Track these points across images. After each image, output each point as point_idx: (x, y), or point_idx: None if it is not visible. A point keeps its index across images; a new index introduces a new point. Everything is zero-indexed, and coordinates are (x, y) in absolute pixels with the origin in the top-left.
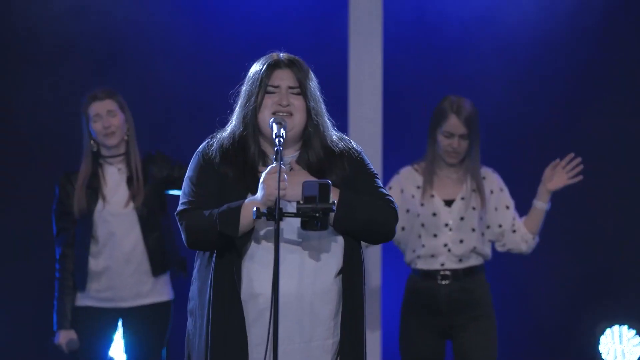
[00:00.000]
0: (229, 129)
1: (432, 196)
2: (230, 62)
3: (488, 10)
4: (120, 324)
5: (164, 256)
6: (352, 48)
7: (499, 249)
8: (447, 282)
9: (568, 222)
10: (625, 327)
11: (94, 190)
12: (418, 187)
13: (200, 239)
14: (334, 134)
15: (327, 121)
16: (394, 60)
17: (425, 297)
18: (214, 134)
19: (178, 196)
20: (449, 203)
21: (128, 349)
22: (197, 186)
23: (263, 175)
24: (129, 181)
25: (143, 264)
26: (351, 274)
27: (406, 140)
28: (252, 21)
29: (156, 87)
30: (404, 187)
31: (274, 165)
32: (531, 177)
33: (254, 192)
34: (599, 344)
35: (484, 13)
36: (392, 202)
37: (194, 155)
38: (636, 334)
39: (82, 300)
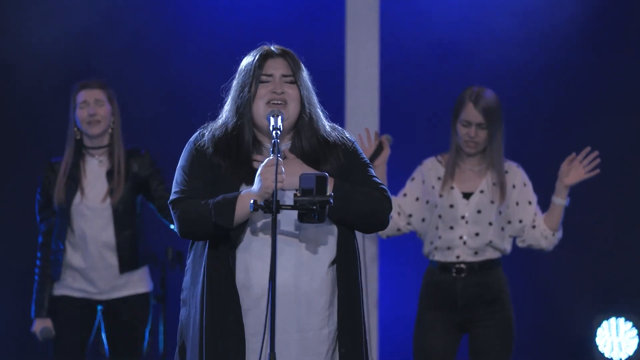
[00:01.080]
0: (220, 121)
1: (452, 188)
2: (225, 56)
3: (487, 2)
4: (99, 318)
5: (133, 254)
6: (349, 41)
7: (520, 244)
8: (462, 275)
9: (567, 215)
10: (621, 320)
11: (74, 181)
12: (439, 179)
13: (194, 229)
14: (327, 124)
15: (320, 112)
16: (391, 53)
17: (442, 290)
18: (206, 125)
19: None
20: (467, 195)
21: (109, 342)
22: (190, 175)
23: (260, 167)
24: (109, 175)
25: (114, 261)
26: (346, 264)
27: (403, 133)
28: (248, 14)
29: (152, 82)
30: (426, 178)
31: (271, 157)
32: (550, 174)
33: (248, 182)
34: (595, 336)
35: (483, 5)
36: (386, 191)
37: (186, 144)
38: (633, 326)
39: (59, 290)
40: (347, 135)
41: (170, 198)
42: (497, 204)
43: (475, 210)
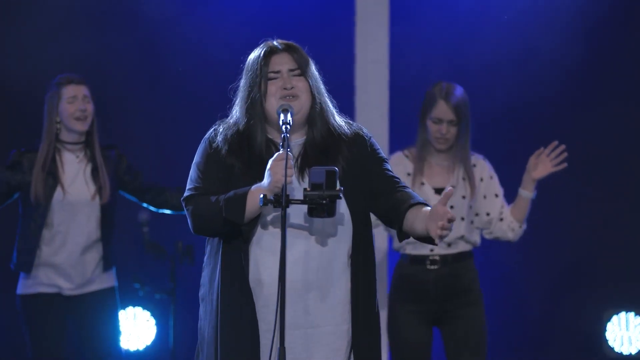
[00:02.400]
0: (232, 120)
1: (422, 184)
2: (235, 54)
3: None
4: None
5: (113, 251)
6: (358, 36)
7: (487, 236)
8: (435, 267)
9: (575, 209)
10: (632, 314)
11: (52, 176)
12: (408, 174)
13: (206, 224)
14: (336, 113)
15: (329, 101)
16: (400, 47)
17: (414, 282)
18: (220, 121)
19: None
20: (439, 191)
21: (79, 336)
22: (204, 172)
23: (270, 162)
24: (94, 172)
25: (95, 255)
26: (359, 259)
27: (413, 127)
28: (257, 11)
29: (159, 81)
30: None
31: (280, 152)
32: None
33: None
34: (605, 330)
35: (493, 2)
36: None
37: (201, 142)
38: None
39: (32, 287)
40: (365, 131)
41: (184, 195)
42: (467, 198)
43: (449, 206)
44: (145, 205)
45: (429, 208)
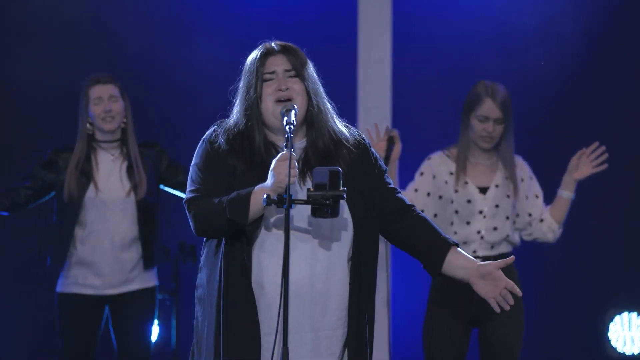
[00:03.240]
0: (232, 121)
1: (466, 183)
2: (237, 54)
3: None
4: (106, 311)
5: (154, 249)
6: (361, 35)
7: (526, 237)
8: None
9: (579, 210)
10: (634, 314)
11: (86, 175)
12: (451, 174)
13: (210, 226)
14: (336, 116)
15: (327, 103)
16: (403, 48)
17: (456, 285)
18: (220, 122)
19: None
20: (483, 190)
21: (118, 335)
22: (205, 173)
23: (273, 162)
24: (129, 170)
25: (134, 254)
26: (359, 264)
27: (415, 128)
28: (260, 11)
29: (163, 81)
30: (436, 173)
31: (284, 152)
32: (553, 168)
33: (264, 182)
34: (608, 330)
35: (495, 1)
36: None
37: (200, 142)
38: None
39: (67, 287)
40: (363, 136)
41: (186, 197)
42: (512, 198)
43: (494, 205)
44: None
45: (465, 254)
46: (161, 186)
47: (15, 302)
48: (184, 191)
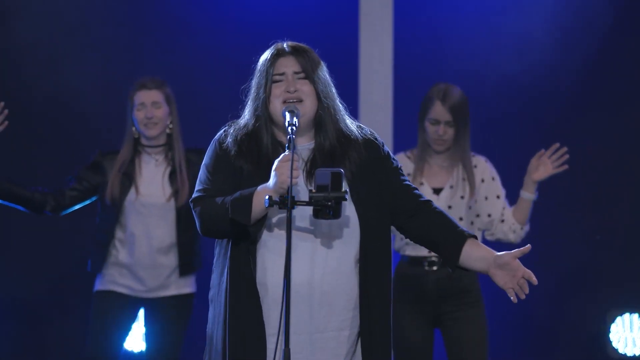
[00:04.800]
0: (242, 121)
1: (422, 184)
2: (240, 56)
3: None
4: (141, 314)
5: (193, 256)
6: (362, 37)
7: (488, 237)
8: (434, 268)
9: (579, 210)
10: (635, 316)
11: (128, 178)
12: (408, 174)
13: (213, 226)
14: (347, 119)
15: (339, 105)
16: (404, 47)
17: (414, 284)
18: (230, 123)
19: None
20: (437, 191)
21: (149, 339)
22: (213, 174)
23: (275, 163)
24: (172, 175)
25: (171, 260)
26: (368, 264)
27: (416, 129)
28: (261, 12)
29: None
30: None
31: (286, 153)
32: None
33: None
34: (609, 332)
35: (497, 3)
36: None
37: (211, 143)
38: None
39: (104, 285)
40: (378, 137)
41: (192, 196)
42: (466, 198)
43: (446, 206)
44: None
45: (482, 245)
46: None
47: (59, 306)
48: None
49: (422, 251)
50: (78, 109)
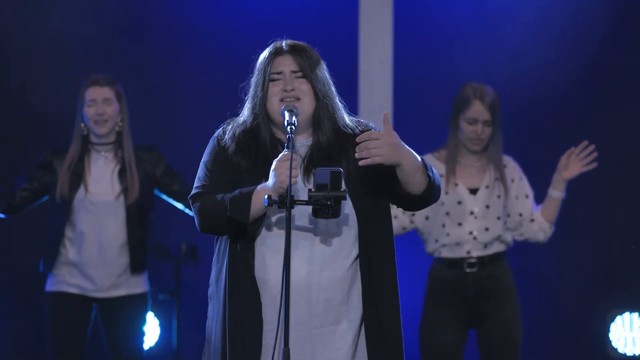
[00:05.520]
0: (241, 119)
1: (456, 184)
2: (239, 54)
3: None
4: (94, 313)
5: (144, 254)
6: (362, 36)
7: (517, 237)
8: (473, 269)
9: (579, 210)
10: (635, 315)
11: (77, 176)
12: (441, 176)
13: (211, 223)
14: (346, 117)
15: (339, 103)
16: (404, 50)
17: (452, 285)
18: (229, 120)
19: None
20: (473, 191)
21: (107, 341)
22: (212, 171)
23: (274, 162)
24: (121, 173)
25: (122, 258)
26: (370, 259)
27: (417, 128)
28: (261, 11)
29: (164, 82)
30: None
31: (285, 152)
32: (543, 168)
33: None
34: (609, 331)
35: (496, 1)
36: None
37: (210, 140)
38: None
39: (54, 285)
40: (372, 125)
41: (191, 193)
42: (502, 198)
43: (484, 205)
44: (184, 209)
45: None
46: (156, 192)
47: (11, 306)
48: (177, 200)
49: (460, 252)
50: (25, 108)
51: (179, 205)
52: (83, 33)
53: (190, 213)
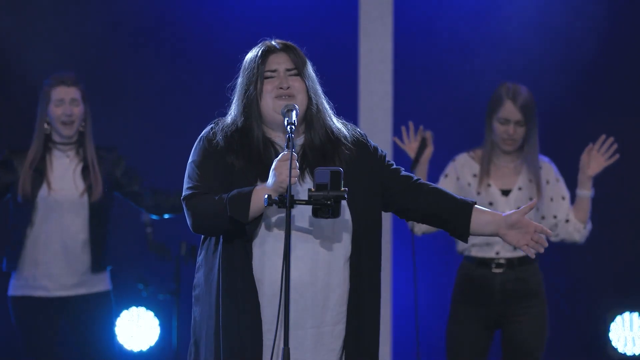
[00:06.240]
0: (229, 118)
1: (489, 185)
2: (237, 55)
3: None
4: (60, 312)
5: (104, 253)
6: (362, 37)
7: (553, 239)
8: (501, 270)
9: None
10: (635, 315)
11: (39, 174)
12: (474, 176)
13: (208, 223)
14: (333, 116)
15: (326, 103)
16: (404, 47)
17: (479, 285)
18: (217, 120)
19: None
20: (505, 193)
21: (74, 340)
22: (203, 170)
23: (275, 162)
24: (84, 171)
25: (84, 256)
26: (360, 260)
27: (416, 127)
28: (260, 12)
29: (159, 81)
30: (460, 174)
31: (285, 152)
32: (564, 169)
33: (263, 180)
34: (609, 331)
35: (498, 1)
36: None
37: (197, 140)
38: None
39: (18, 290)
40: (359, 131)
41: (184, 194)
42: (534, 200)
43: (515, 207)
44: (142, 210)
45: (486, 209)
46: (115, 193)
47: None
48: (136, 201)
49: (490, 253)
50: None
51: (139, 207)
52: (71, 27)
53: (154, 216)
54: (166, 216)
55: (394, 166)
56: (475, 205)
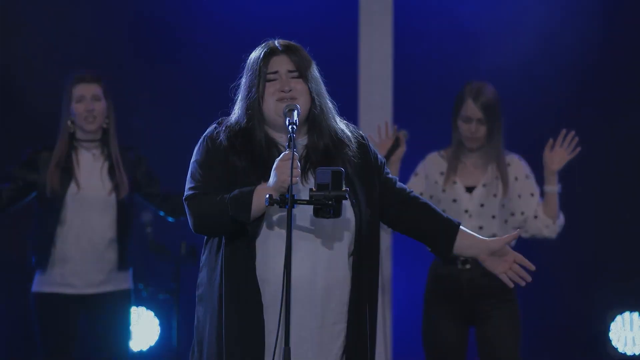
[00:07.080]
0: (233, 118)
1: (455, 182)
2: (238, 53)
3: None
4: (82, 313)
5: (129, 251)
6: (362, 35)
7: (523, 235)
8: (468, 266)
9: (580, 208)
10: (635, 314)
11: (67, 172)
12: (442, 174)
13: (210, 223)
14: (337, 117)
15: (329, 103)
16: (404, 48)
17: (448, 282)
18: (220, 120)
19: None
20: (470, 189)
21: (92, 337)
22: (206, 170)
23: (276, 162)
24: (111, 170)
25: (111, 254)
26: (361, 260)
27: (417, 128)
28: (260, 10)
29: (160, 81)
30: (429, 173)
31: (286, 152)
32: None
33: (266, 181)
34: (609, 330)
35: (496, 1)
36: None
37: (200, 139)
38: None
39: (46, 286)
40: (362, 134)
41: (185, 194)
42: (499, 197)
43: (478, 204)
44: (162, 213)
45: (471, 233)
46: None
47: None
48: (153, 203)
49: None
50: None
51: (158, 210)
52: (76, 30)
53: (170, 219)
54: (183, 218)
55: (390, 176)
56: (461, 227)
